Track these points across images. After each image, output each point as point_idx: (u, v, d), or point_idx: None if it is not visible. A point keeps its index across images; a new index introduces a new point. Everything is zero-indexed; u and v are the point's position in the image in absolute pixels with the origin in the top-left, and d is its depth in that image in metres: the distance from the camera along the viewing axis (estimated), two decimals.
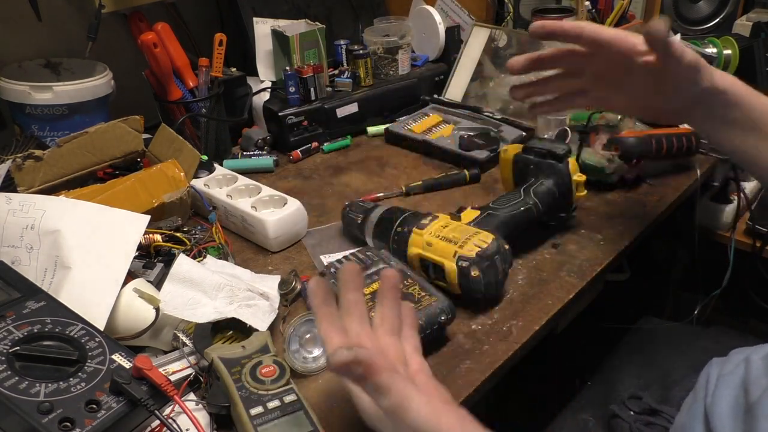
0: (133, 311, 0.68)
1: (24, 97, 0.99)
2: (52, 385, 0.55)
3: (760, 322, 1.49)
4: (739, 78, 0.71)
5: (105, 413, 0.54)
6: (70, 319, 0.62)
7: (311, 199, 1.02)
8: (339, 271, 0.55)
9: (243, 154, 1.15)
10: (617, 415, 0.79)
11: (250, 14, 1.26)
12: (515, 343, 0.71)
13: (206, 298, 0.71)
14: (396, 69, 1.28)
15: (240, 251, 0.89)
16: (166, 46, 1.06)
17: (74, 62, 1.11)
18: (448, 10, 1.42)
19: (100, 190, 0.87)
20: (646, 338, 0.95)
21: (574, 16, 1.37)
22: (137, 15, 1.12)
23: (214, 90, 1.11)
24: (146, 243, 0.80)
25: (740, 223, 1.30)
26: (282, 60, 1.22)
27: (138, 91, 1.12)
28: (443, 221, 0.79)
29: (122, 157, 0.96)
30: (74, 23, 1.13)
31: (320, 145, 1.18)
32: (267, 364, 0.62)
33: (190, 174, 0.94)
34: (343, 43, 1.28)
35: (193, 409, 0.61)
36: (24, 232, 0.71)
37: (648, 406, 0.78)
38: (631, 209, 0.95)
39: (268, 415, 0.58)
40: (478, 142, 1.11)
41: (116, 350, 0.61)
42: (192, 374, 0.66)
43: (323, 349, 0.69)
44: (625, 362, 0.89)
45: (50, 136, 1.02)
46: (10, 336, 0.57)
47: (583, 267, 0.83)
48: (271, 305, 0.73)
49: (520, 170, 0.89)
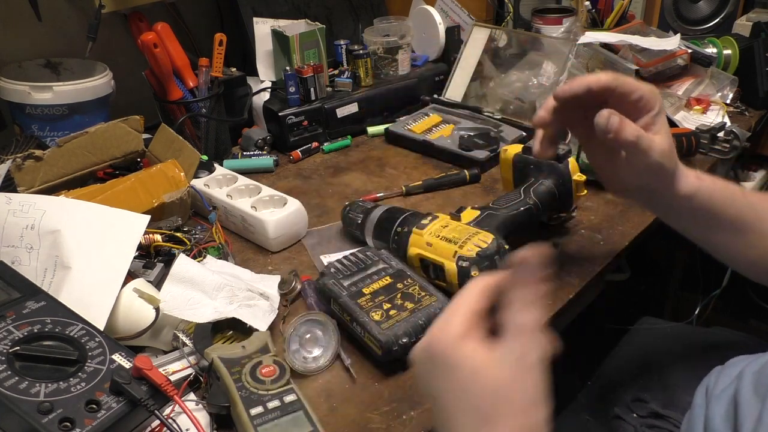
0: (133, 311, 0.68)
1: (24, 97, 0.99)
2: (52, 385, 0.55)
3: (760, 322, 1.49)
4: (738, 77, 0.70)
5: (105, 413, 0.54)
6: (70, 319, 0.62)
7: (311, 199, 1.02)
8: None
9: (243, 154, 1.15)
10: (620, 417, 0.79)
11: (250, 14, 1.26)
12: None
13: (206, 298, 0.71)
14: (396, 69, 1.28)
15: (240, 251, 0.89)
16: (166, 46, 1.06)
17: (74, 62, 1.11)
18: (448, 10, 1.42)
19: (100, 190, 0.87)
20: (646, 338, 0.95)
21: (574, 16, 1.38)
22: (137, 15, 1.12)
23: (214, 90, 1.11)
24: (146, 243, 0.80)
25: None
26: (282, 60, 1.22)
27: (138, 91, 1.12)
28: (443, 221, 0.79)
29: (122, 157, 0.96)
30: (74, 23, 1.13)
31: (320, 145, 1.18)
32: (267, 364, 0.62)
33: (190, 174, 0.94)
34: (343, 43, 1.28)
35: (193, 409, 0.61)
36: (24, 232, 0.71)
37: (653, 410, 0.78)
38: (631, 209, 0.95)
39: (268, 415, 0.58)
40: (478, 142, 1.11)
41: (116, 350, 0.61)
42: (192, 374, 0.66)
43: (323, 349, 0.69)
44: (625, 362, 0.89)
45: (50, 136, 1.02)
46: (10, 336, 0.57)
47: (583, 267, 0.83)
48: (271, 305, 0.73)
49: (520, 170, 0.89)
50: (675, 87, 1.19)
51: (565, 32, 1.36)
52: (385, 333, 0.66)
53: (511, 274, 0.45)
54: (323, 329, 0.70)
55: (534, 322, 0.44)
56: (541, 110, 0.67)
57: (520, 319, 0.44)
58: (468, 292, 0.47)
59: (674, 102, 1.15)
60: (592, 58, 1.17)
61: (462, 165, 1.08)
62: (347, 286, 0.72)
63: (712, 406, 0.62)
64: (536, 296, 0.44)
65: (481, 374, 0.44)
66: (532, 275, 0.44)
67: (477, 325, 0.46)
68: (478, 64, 1.28)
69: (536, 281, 0.44)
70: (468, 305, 0.46)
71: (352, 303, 0.70)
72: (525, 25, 1.47)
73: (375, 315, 0.68)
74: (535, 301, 0.44)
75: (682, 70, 1.21)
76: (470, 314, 0.46)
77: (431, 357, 0.46)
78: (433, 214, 0.80)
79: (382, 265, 0.76)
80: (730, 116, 1.15)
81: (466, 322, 0.45)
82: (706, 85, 1.21)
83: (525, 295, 0.44)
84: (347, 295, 0.71)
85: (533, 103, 1.16)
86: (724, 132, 1.08)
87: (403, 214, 0.83)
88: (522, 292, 0.44)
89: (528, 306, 0.44)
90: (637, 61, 1.14)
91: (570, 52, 1.22)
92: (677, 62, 1.18)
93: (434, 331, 0.47)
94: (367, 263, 0.76)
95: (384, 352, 0.66)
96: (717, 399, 0.62)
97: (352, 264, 0.76)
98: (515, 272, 0.45)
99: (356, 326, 0.69)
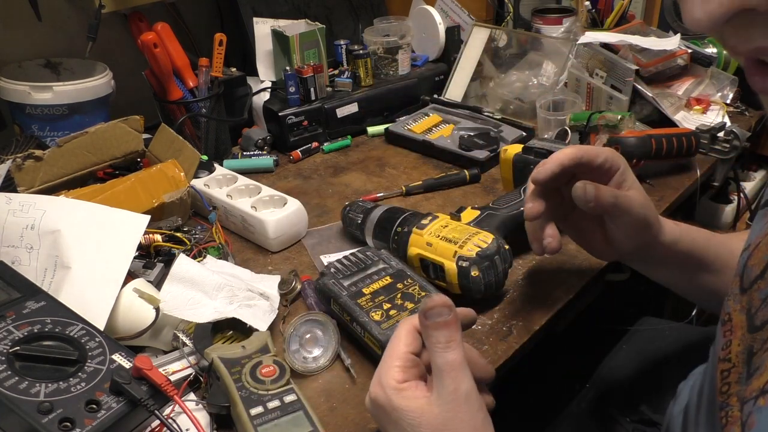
0: (133, 311, 0.68)
1: (24, 97, 0.99)
2: (52, 385, 0.55)
3: None
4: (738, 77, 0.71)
5: (105, 413, 0.54)
6: (70, 319, 0.62)
7: (311, 199, 1.02)
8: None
9: (243, 154, 1.15)
10: (615, 419, 0.79)
11: (250, 14, 1.26)
12: (515, 343, 0.71)
13: (206, 298, 0.71)
14: (396, 69, 1.28)
15: (240, 251, 0.89)
16: (166, 46, 1.06)
17: (74, 62, 1.11)
18: (448, 10, 1.42)
19: (100, 190, 0.87)
20: (646, 338, 0.95)
21: (574, 16, 1.38)
22: (137, 15, 1.12)
23: (214, 90, 1.11)
24: (146, 243, 0.80)
25: (740, 223, 1.30)
26: (282, 60, 1.22)
27: (138, 91, 1.12)
28: (443, 221, 0.79)
29: (122, 157, 0.96)
30: (74, 23, 1.13)
31: (320, 145, 1.18)
32: (267, 364, 0.62)
33: (190, 174, 0.94)
34: (343, 43, 1.28)
35: (193, 409, 0.61)
36: (24, 232, 0.71)
37: (644, 417, 0.78)
38: None
39: (268, 415, 0.58)
40: (478, 142, 1.11)
41: (116, 350, 0.61)
42: (192, 374, 0.66)
43: (323, 349, 0.69)
44: (625, 362, 0.89)
45: (50, 136, 1.02)
46: (10, 336, 0.57)
47: (583, 267, 0.83)
48: (271, 305, 0.73)
49: (520, 170, 0.89)
50: (675, 87, 1.19)
51: (565, 32, 1.36)
52: (385, 333, 0.66)
53: (421, 320, 0.50)
54: (323, 329, 0.70)
55: (454, 362, 0.48)
56: (528, 202, 0.67)
57: (439, 360, 0.49)
58: (397, 337, 0.52)
59: (674, 102, 1.15)
60: (592, 58, 1.17)
61: (462, 165, 1.08)
62: (347, 286, 0.72)
63: (684, 400, 0.62)
64: (449, 338, 0.49)
65: (425, 416, 0.48)
66: (443, 319, 0.49)
67: (413, 367, 0.51)
68: (478, 64, 1.28)
69: (444, 325, 0.49)
70: (400, 350, 0.51)
71: (352, 303, 0.70)
72: (525, 25, 1.47)
73: (375, 315, 0.68)
74: (449, 342, 0.49)
75: (682, 70, 1.20)
76: (404, 360, 0.51)
77: (379, 408, 0.51)
78: (433, 214, 0.80)
79: (382, 265, 0.76)
80: (730, 116, 1.15)
81: (401, 368, 0.50)
82: (706, 85, 1.21)
83: (438, 338, 0.49)
84: (347, 295, 0.71)
85: (533, 103, 1.17)
86: (724, 132, 1.08)
87: (403, 214, 0.83)
88: (435, 336, 0.49)
89: (444, 347, 0.49)
90: (637, 61, 1.14)
91: (570, 52, 1.22)
92: (677, 62, 1.18)
93: (375, 384, 0.51)
94: (367, 263, 0.76)
95: (384, 352, 0.65)
96: (685, 393, 0.63)
97: (352, 264, 0.76)
98: (424, 318, 0.50)
99: (356, 326, 0.69)
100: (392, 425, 0.50)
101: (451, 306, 0.50)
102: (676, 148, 0.98)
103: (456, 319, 0.50)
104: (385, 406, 0.50)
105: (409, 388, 0.50)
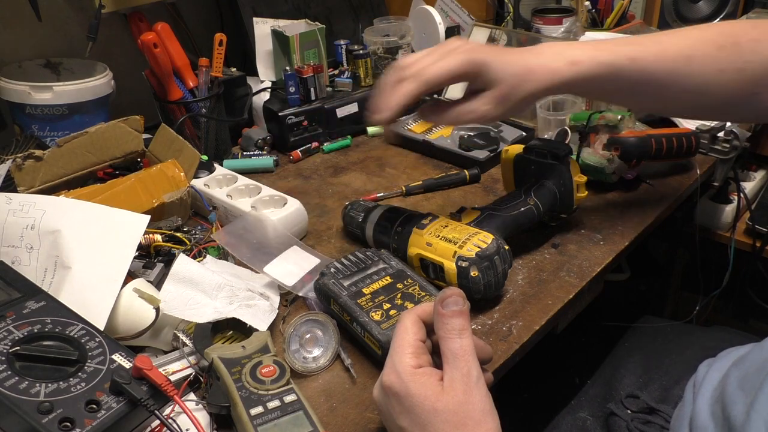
0: (133, 311, 0.68)
1: (24, 97, 0.99)
2: (52, 385, 0.55)
3: (760, 322, 1.49)
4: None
5: (105, 413, 0.54)
6: (70, 319, 0.62)
7: (311, 199, 1.02)
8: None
9: (243, 154, 1.15)
10: (615, 414, 0.79)
11: (250, 14, 1.26)
12: (515, 343, 0.71)
13: (206, 298, 0.71)
14: None
15: None
16: (166, 46, 1.06)
17: (74, 62, 1.11)
18: (448, 10, 1.42)
19: (100, 190, 0.87)
20: (646, 337, 0.95)
21: (574, 16, 1.38)
22: (137, 15, 1.12)
23: (214, 90, 1.11)
24: (146, 243, 0.80)
25: (740, 223, 1.30)
26: (282, 60, 1.22)
27: (138, 91, 1.12)
28: (443, 221, 0.79)
29: (122, 157, 0.96)
30: (74, 23, 1.13)
31: (320, 145, 1.18)
32: (267, 364, 0.62)
33: (190, 174, 0.94)
34: (343, 43, 1.28)
35: (193, 409, 0.61)
36: (24, 232, 0.71)
37: (646, 405, 0.78)
38: (631, 209, 0.95)
39: (268, 415, 0.58)
40: (478, 142, 1.11)
41: (116, 350, 0.61)
42: (192, 374, 0.66)
43: (323, 349, 0.69)
44: (625, 361, 0.89)
45: (50, 136, 1.02)
46: (10, 336, 0.57)
47: (583, 267, 0.83)
48: (271, 305, 0.74)
49: (520, 171, 0.89)
50: None
51: (565, 32, 1.36)
52: (385, 333, 0.66)
53: (437, 309, 0.53)
54: (323, 329, 0.70)
55: (468, 347, 0.52)
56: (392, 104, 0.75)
57: (454, 345, 0.52)
58: (403, 327, 0.55)
59: None
60: None
61: (462, 165, 1.08)
62: (347, 286, 0.72)
63: (699, 400, 0.62)
64: (463, 326, 0.52)
65: (441, 401, 0.50)
66: (459, 308, 0.53)
67: (423, 353, 0.54)
68: None
69: (459, 313, 0.53)
70: (410, 339, 0.54)
71: (352, 303, 0.70)
72: (525, 25, 1.47)
73: (375, 315, 0.68)
74: (463, 329, 0.52)
75: None
76: (414, 347, 0.54)
77: (393, 396, 0.52)
78: (433, 214, 0.80)
79: (382, 265, 0.76)
80: None
81: (413, 354, 0.53)
82: None
83: (454, 325, 0.52)
84: (347, 295, 0.71)
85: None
86: (724, 132, 1.08)
87: (403, 214, 0.83)
88: (451, 323, 0.52)
89: (459, 334, 0.52)
90: None
91: None
92: None
93: (388, 372, 0.53)
94: (367, 263, 0.76)
95: (384, 352, 0.65)
96: (703, 394, 0.62)
97: (352, 264, 0.76)
98: (441, 307, 0.53)
99: (356, 326, 0.69)
100: (404, 414, 0.52)
101: (464, 296, 0.54)
102: (676, 148, 0.98)
103: (468, 308, 0.53)
104: (400, 392, 0.52)
105: (424, 373, 0.52)
